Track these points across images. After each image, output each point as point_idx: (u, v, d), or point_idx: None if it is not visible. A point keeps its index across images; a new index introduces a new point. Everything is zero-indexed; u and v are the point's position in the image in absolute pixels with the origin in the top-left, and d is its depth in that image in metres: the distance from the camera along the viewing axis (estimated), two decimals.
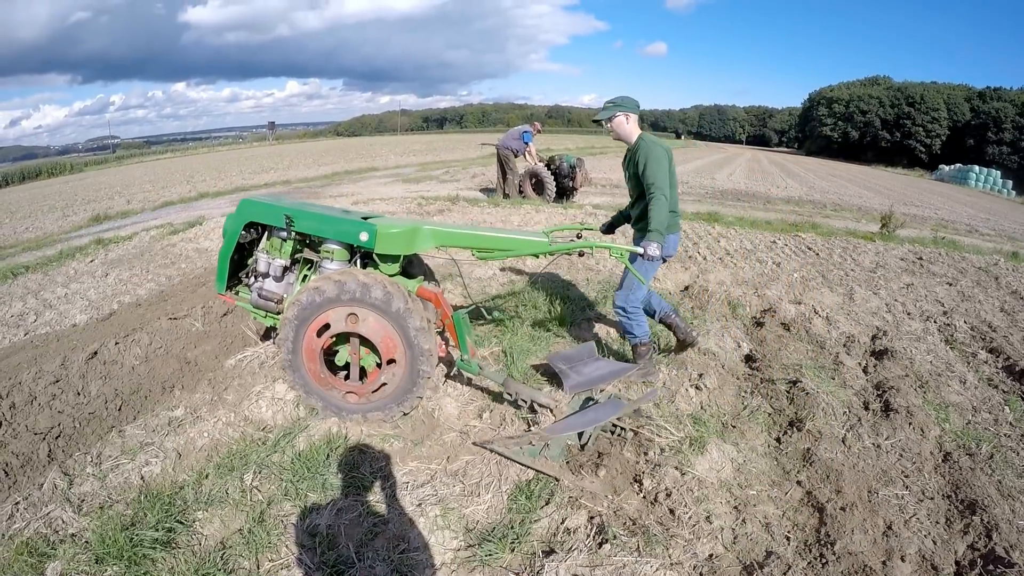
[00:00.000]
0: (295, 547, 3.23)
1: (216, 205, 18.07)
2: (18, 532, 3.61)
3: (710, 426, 4.27)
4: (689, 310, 6.70)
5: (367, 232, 4.19)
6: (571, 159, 15.13)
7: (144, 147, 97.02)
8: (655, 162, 4.56)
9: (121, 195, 24.92)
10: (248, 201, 4.73)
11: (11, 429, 4.83)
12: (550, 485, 3.62)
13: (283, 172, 29.69)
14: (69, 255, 11.42)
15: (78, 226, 17.11)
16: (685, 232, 11.25)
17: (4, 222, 20.99)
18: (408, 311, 4.01)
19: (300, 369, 4.31)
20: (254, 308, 4.82)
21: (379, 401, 4.31)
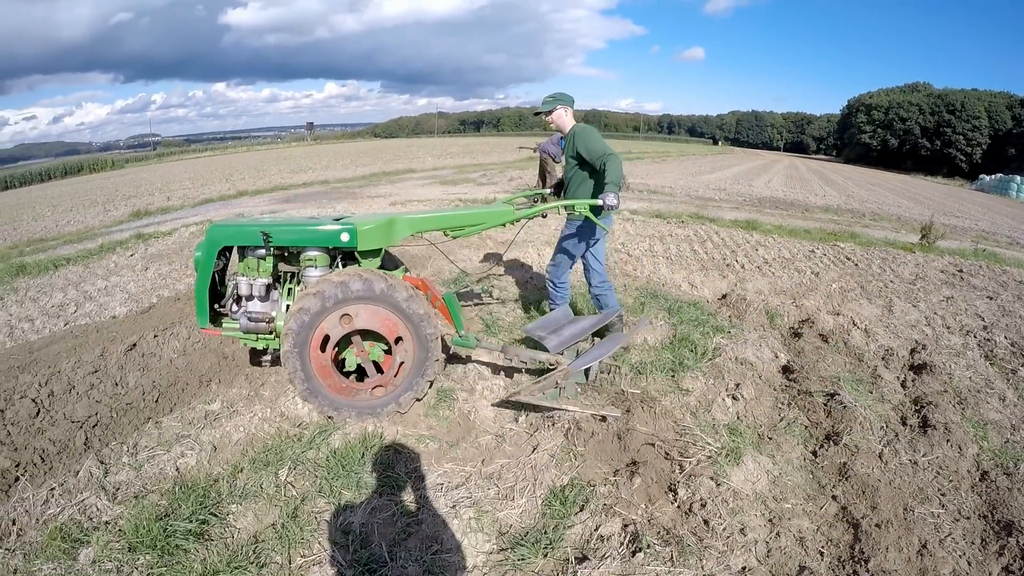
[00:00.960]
0: (328, 544, 3.23)
1: (255, 203, 18.28)
2: (52, 517, 3.66)
3: (746, 437, 4.20)
4: (727, 319, 6.62)
5: (347, 232, 4.29)
6: None
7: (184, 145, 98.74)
8: (594, 139, 5.23)
9: (161, 192, 25.33)
10: (217, 226, 4.58)
11: (49, 416, 4.89)
12: (585, 492, 3.59)
13: (321, 172, 29.94)
14: (110, 249, 11.62)
15: (119, 221, 17.40)
16: (723, 239, 11.18)
17: (46, 215, 21.45)
18: (392, 287, 4.09)
19: (321, 391, 4.32)
20: (244, 334, 4.65)
21: (404, 381, 4.35)
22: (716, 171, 36.77)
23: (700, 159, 50.91)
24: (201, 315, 4.61)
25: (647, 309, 6.61)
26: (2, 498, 3.97)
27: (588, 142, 5.21)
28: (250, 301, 4.61)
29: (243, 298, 4.60)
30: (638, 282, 8.07)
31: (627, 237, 11.06)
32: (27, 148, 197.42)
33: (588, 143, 5.20)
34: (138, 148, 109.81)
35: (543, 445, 4.07)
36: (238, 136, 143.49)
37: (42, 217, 21.37)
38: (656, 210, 14.63)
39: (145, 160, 68.42)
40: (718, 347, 5.60)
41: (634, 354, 5.43)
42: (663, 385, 4.92)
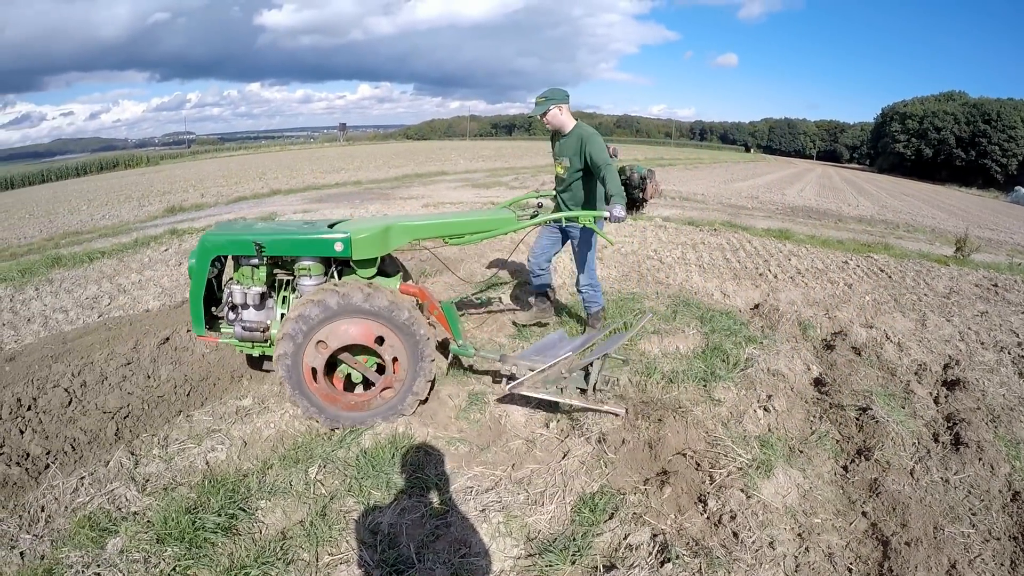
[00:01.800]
0: (356, 543, 3.23)
1: (288, 202, 18.42)
2: (81, 506, 3.70)
3: (777, 449, 4.14)
4: (759, 329, 6.55)
5: (341, 242, 4.21)
6: (642, 170, 14.66)
7: (218, 143, 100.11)
8: (600, 148, 5.15)
9: (195, 188, 25.66)
10: (211, 234, 4.49)
11: (81, 406, 4.94)
12: (614, 500, 3.55)
13: (353, 173, 30.13)
14: (144, 243, 11.78)
15: (153, 216, 17.66)
16: (755, 248, 11.09)
17: (82, 209, 21.81)
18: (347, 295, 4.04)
19: (340, 415, 4.33)
20: (240, 342, 4.59)
21: (407, 375, 4.31)
22: (748, 179, 36.51)
23: (732, 166, 50.51)
24: (197, 323, 4.56)
25: (679, 317, 6.56)
26: (32, 484, 4.03)
27: (597, 148, 5.15)
28: (245, 310, 4.51)
29: (238, 307, 4.51)
30: (670, 289, 8.02)
31: (659, 244, 10.99)
32: (64, 143, 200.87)
33: (597, 148, 5.15)
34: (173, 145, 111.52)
35: (574, 451, 4.04)
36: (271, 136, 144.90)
37: (77, 211, 21.72)
38: (688, 217, 14.52)
39: (180, 157, 69.47)
40: (750, 357, 5.54)
41: (666, 362, 5.39)
42: (695, 394, 4.87)
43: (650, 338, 5.98)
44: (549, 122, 5.41)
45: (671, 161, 44.51)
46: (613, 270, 8.71)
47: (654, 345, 5.86)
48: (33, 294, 8.78)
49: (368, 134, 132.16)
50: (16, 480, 4.08)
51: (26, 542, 3.45)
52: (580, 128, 5.33)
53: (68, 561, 3.22)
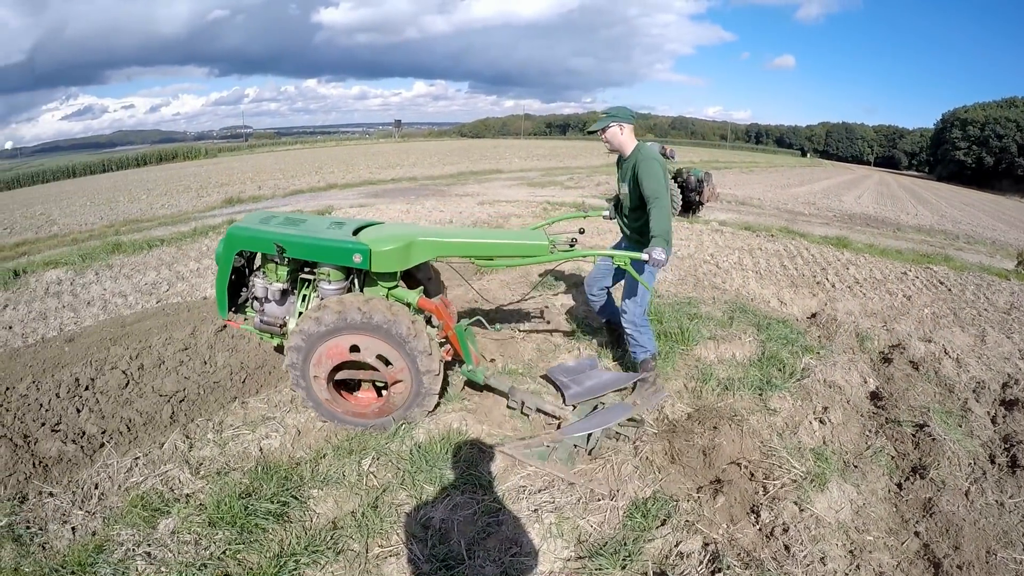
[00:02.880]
0: (406, 536, 3.23)
1: (344, 196, 18.65)
2: (135, 485, 3.78)
3: (832, 463, 4.04)
4: (816, 339, 6.42)
5: (360, 254, 4.13)
6: (699, 173, 14.58)
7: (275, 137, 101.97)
8: (653, 176, 4.51)
9: (252, 181, 26.09)
10: (237, 228, 4.48)
11: (138, 388, 5.04)
12: (667, 506, 3.50)
13: (409, 169, 30.33)
14: (203, 232, 12.02)
15: (211, 206, 18.00)
16: (813, 256, 10.88)
17: (141, 198, 22.30)
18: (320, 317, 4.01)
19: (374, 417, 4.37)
20: (259, 331, 4.69)
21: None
22: (805, 184, 35.86)
23: (788, 171, 49.62)
24: (221, 306, 4.72)
25: (736, 323, 6.46)
26: (87, 462, 4.12)
27: (649, 176, 4.53)
28: (266, 303, 4.61)
29: (259, 299, 4.63)
30: (727, 295, 7.90)
31: (716, 249, 10.85)
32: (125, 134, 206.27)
33: (648, 177, 4.53)
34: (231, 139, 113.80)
35: (627, 455, 3.99)
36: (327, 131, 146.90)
37: (137, 200, 22.22)
38: (745, 222, 14.31)
39: (237, 150, 70.66)
40: (807, 368, 5.43)
41: (721, 369, 5.32)
42: (750, 403, 4.79)
43: (706, 344, 5.91)
44: (608, 141, 4.85)
45: (727, 164, 43.88)
46: (669, 274, 8.62)
47: (710, 351, 5.78)
48: (93, 278, 8.99)
49: (423, 131, 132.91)
50: (71, 457, 4.18)
51: (78, 518, 3.53)
52: (638, 151, 4.77)
53: (119, 539, 3.29)
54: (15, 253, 12.49)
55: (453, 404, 4.62)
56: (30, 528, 3.47)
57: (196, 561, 3.09)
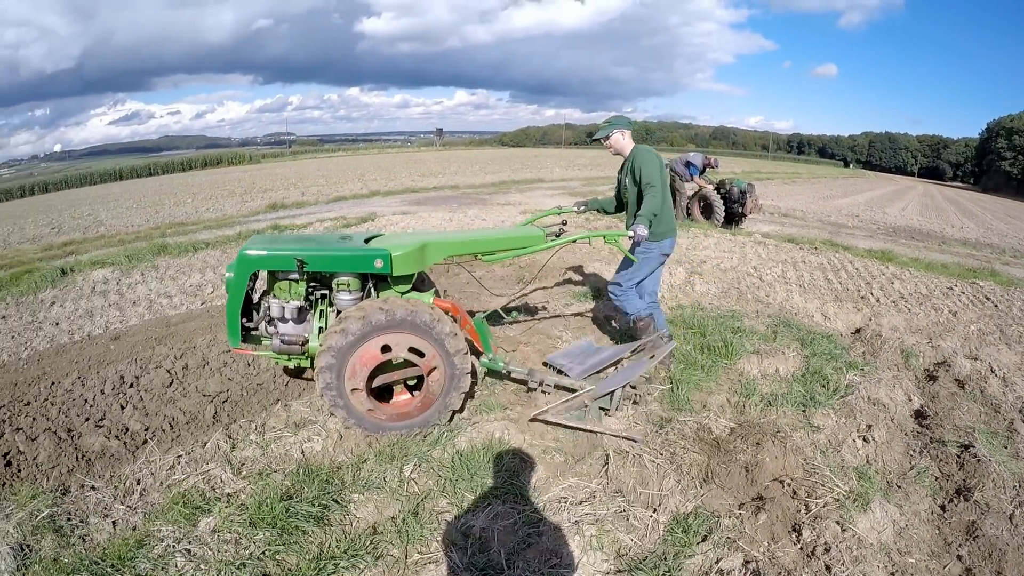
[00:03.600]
0: (446, 544, 3.22)
1: (387, 204, 18.77)
2: (176, 483, 3.83)
3: (875, 482, 3.95)
4: (860, 355, 6.31)
5: (381, 259, 4.27)
6: (742, 184, 14.49)
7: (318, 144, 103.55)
8: (651, 166, 5.20)
9: (296, 187, 26.40)
10: (251, 249, 4.39)
11: (181, 387, 5.12)
12: (708, 522, 3.46)
13: (450, 177, 30.44)
14: (247, 236, 12.15)
15: (255, 211, 18.26)
16: (857, 269, 10.70)
17: (187, 201, 22.70)
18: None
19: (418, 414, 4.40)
20: (277, 355, 4.54)
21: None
22: (848, 195, 35.24)
23: (831, 182, 48.75)
24: (233, 335, 4.51)
25: (779, 338, 6.37)
26: (129, 458, 4.19)
27: (647, 165, 5.22)
28: (284, 324, 4.49)
29: (275, 320, 4.48)
30: (770, 308, 7.80)
31: (759, 261, 10.72)
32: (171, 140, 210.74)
33: (646, 165, 5.22)
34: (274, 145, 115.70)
35: (669, 470, 3.95)
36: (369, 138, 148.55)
37: (183, 203, 22.63)
38: (788, 234, 14.12)
39: (281, 157, 71.95)
40: (851, 384, 5.33)
41: (765, 384, 5.26)
42: (793, 419, 4.72)
43: (750, 358, 5.83)
44: (611, 146, 5.55)
45: (768, 175, 43.34)
46: (713, 286, 8.53)
47: (753, 366, 5.71)
48: (139, 279, 9.16)
49: (464, 139, 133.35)
50: (114, 452, 4.26)
51: (119, 512, 3.60)
52: (635, 149, 5.48)
53: (159, 534, 3.33)
54: (63, 252, 12.76)
55: (495, 413, 4.63)
56: (71, 520, 3.53)
57: (235, 560, 3.12)
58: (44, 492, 3.76)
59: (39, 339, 6.92)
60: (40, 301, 8.45)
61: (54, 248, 13.56)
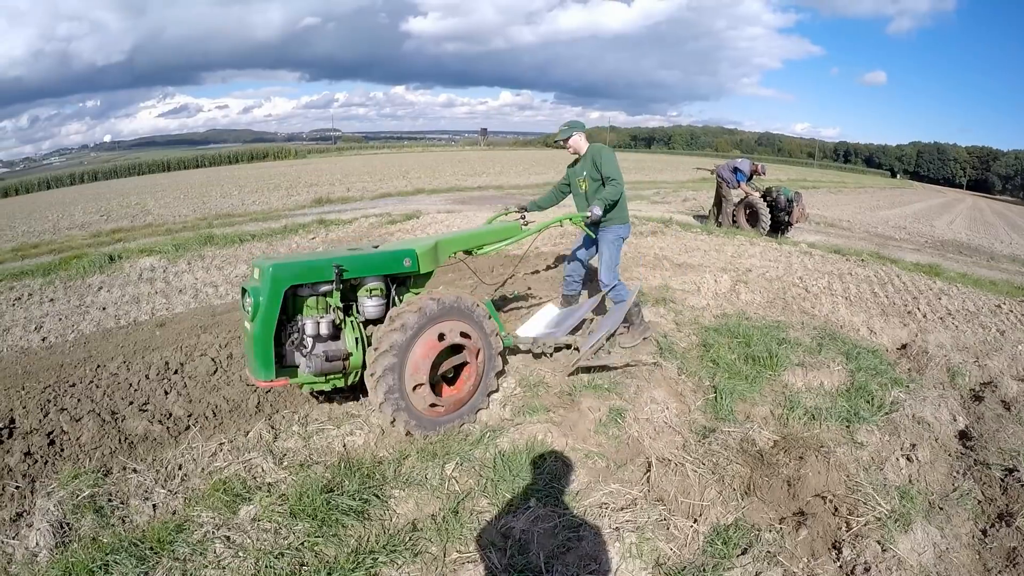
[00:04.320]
0: (485, 544, 3.22)
1: (432, 202, 18.89)
2: (218, 470, 3.89)
3: (917, 503, 3.86)
4: (906, 371, 6.19)
5: (409, 258, 4.47)
6: (789, 192, 14.25)
7: (363, 141, 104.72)
8: (610, 162, 5.85)
9: (341, 183, 26.63)
10: (281, 265, 4.05)
11: (225, 376, 5.19)
12: (749, 535, 3.41)
13: (495, 177, 30.47)
14: (293, 230, 12.37)
15: (301, 205, 18.48)
16: (904, 283, 10.48)
17: (233, 194, 23.06)
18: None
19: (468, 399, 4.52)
20: (315, 378, 4.23)
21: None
22: (895, 207, 34.49)
23: (878, 192, 47.63)
24: (267, 367, 4.05)
25: (825, 351, 6.26)
26: (172, 443, 4.27)
27: (608, 162, 5.82)
28: (325, 342, 4.19)
29: (311, 339, 4.12)
30: (816, 320, 7.66)
31: (805, 272, 10.53)
32: (218, 133, 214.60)
33: (607, 163, 5.81)
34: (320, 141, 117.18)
35: (711, 480, 3.91)
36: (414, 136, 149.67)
37: (229, 195, 23.00)
38: (834, 245, 13.84)
39: (326, 152, 72.79)
40: (896, 401, 5.23)
41: (809, 397, 5.17)
42: (837, 435, 4.64)
43: (794, 370, 5.74)
44: (571, 146, 6.12)
45: (814, 183, 42.53)
46: (758, 295, 8.42)
47: (798, 378, 5.62)
48: (185, 268, 9.32)
49: (508, 140, 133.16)
50: (157, 437, 4.35)
51: (160, 495, 3.66)
52: (592, 148, 6.07)
53: (199, 520, 3.38)
54: (111, 239, 13.03)
55: (538, 415, 4.61)
56: (111, 501, 3.60)
57: (274, 550, 3.14)
58: (86, 472, 3.83)
59: (86, 323, 7.07)
60: (88, 286, 8.64)
61: (102, 235, 13.84)
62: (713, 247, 12.06)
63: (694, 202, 21.24)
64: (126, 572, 3.00)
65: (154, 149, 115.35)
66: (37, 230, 16.66)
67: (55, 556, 3.16)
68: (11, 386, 5.19)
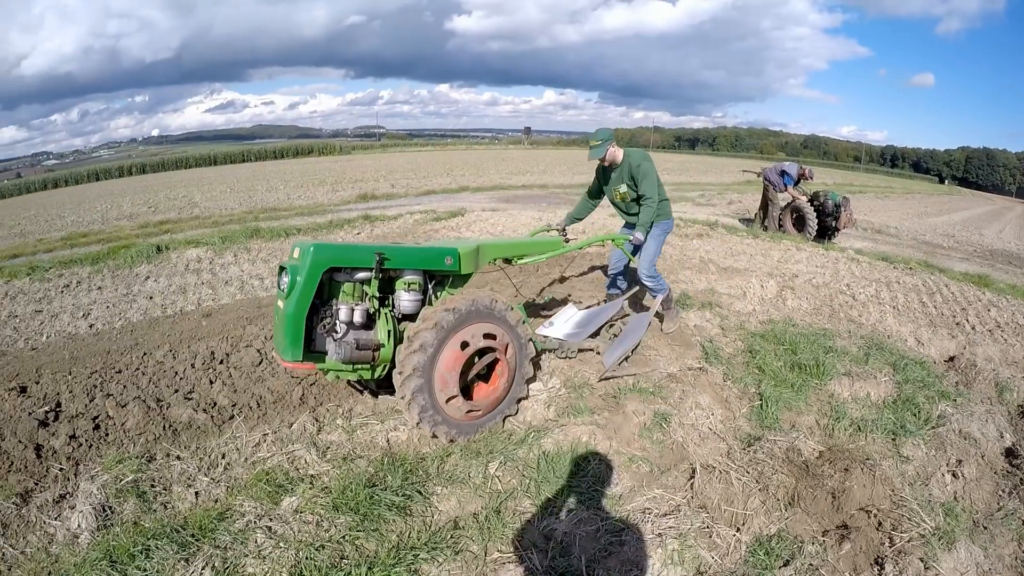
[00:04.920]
0: (527, 545, 3.22)
1: (476, 200, 18.92)
2: (261, 460, 3.94)
3: (962, 521, 3.77)
4: (953, 385, 6.06)
5: (451, 256, 4.38)
6: (836, 197, 14.09)
7: (407, 139, 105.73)
8: (648, 176, 5.80)
9: (385, 179, 26.81)
10: (322, 246, 3.98)
11: (270, 368, 5.25)
12: (791, 547, 3.37)
13: (539, 176, 30.33)
14: (338, 225, 12.48)
15: (346, 201, 18.64)
16: (952, 294, 10.21)
17: (279, 188, 23.35)
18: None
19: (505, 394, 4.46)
20: (342, 365, 4.13)
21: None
22: (943, 214, 33.52)
23: (925, 198, 46.23)
24: (296, 347, 3.94)
25: (872, 361, 6.14)
26: (215, 432, 4.32)
27: (646, 179, 5.78)
28: (357, 329, 4.12)
29: (344, 326, 4.06)
30: (863, 329, 7.51)
31: (852, 279, 10.32)
32: (264, 128, 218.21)
33: (646, 179, 5.78)
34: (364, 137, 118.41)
35: (755, 489, 3.86)
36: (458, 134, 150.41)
37: (275, 189, 23.32)
38: (882, 252, 13.50)
39: (370, 149, 73.53)
40: (943, 415, 5.11)
41: (855, 408, 5.09)
42: (882, 447, 4.55)
43: (841, 380, 5.64)
44: (606, 160, 5.99)
45: (861, 188, 41.62)
46: (805, 302, 8.28)
47: (844, 388, 5.52)
48: (232, 259, 9.45)
49: (552, 139, 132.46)
50: (201, 425, 4.41)
51: (203, 483, 3.72)
52: (628, 157, 5.97)
53: (241, 509, 3.43)
54: (159, 230, 13.28)
55: (583, 417, 4.59)
56: (154, 487, 3.67)
57: (315, 542, 3.17)
58: (130, 457, 3.91)
59: (133, 311, 7.20)
60: (135, 275, 8.81)
61: (150, 226, 14.10)
62: (759, 251, 11.93)
63: (739, 205, 20.94)
64: (167, 557, 3.05)
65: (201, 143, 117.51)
66: (86, 220, 17.04)
67: (96, 538, 3.23)
68: (58, 370, 5.30)
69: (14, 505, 3.48)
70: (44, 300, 7.83)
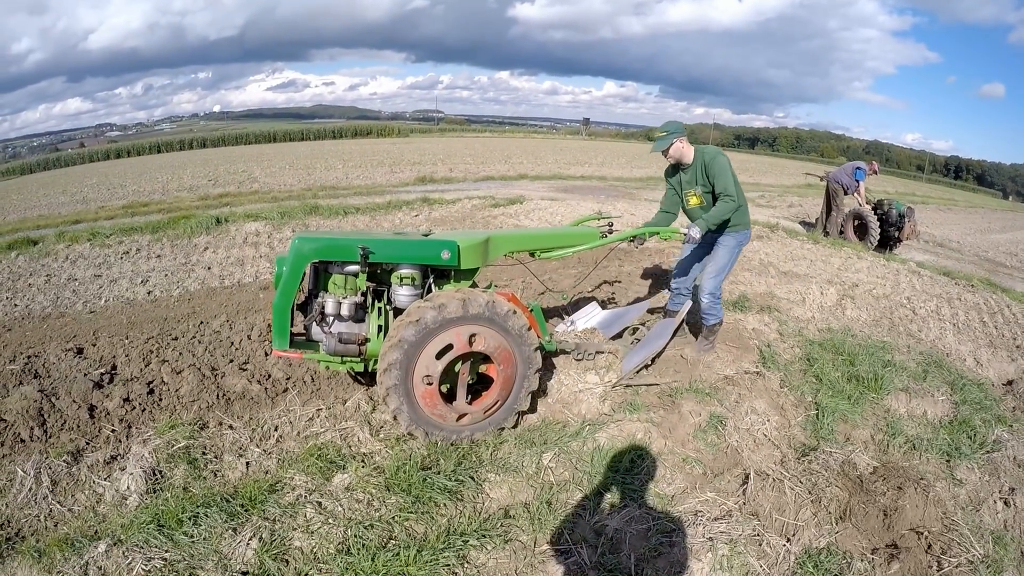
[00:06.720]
0: (577, 539, 3.23)
1: (535, 188, 18.84)
2: (314, 435, 4.01)
3: (1011, 550, 3.70)
4: (1010, 409, 5.91)
5: (449, 250, 4.06)
6: (901, 206, 13.72)
7: (465, 124, 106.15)
8: (724, 172, 5.16)
9: (444, 163, 26.80)
10: (306, 239, 4.04)
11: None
12: (839, 562, 3.34)
13: (597, 168, 30.05)
14: (396, 207, 12.55)
15: (404, 183, 18.76)
16: (1014, 315, 9.91)
17: (337, 167, 23.62)
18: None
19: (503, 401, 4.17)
20: (330, 356, 4.13)
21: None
22: (1007, 231, 32.30)
23: (989, 213, 44.45)
24: (281, 336, 4.04)
25: (930, 378, 6.01)
26: (269, 404, 4.41)
27: (720, 175, 5.17)
28: (342, 322, 4.11)
29: (331, 318, 4.08)
30: (922, 345, 7.34)
31: (913, 292, 10.05)
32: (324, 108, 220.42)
33: (720, 176, 5.17)
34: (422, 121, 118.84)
35: (807, 500, 3.82)
36: (516, 122, 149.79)
37: (334, 169, 23.58)
38: (944, 266, 13.11)
39: (428, 132, 73.72)
40: (998, 440, 4.99)
41: (911, 426, 5.00)
42: (936, 468, 4.47)
43: (898, 395, 5.53)
44: (672, 156, 5.37)
45: (923, 198, 40.39)
46: (864, 313, 8.11)
47: (901, 404, 5.41)
48: (290, 235, 9.61)
49: (610, 131, 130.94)
50: (254, 396, 4.51)
51: (254, 454, 3.80)
52: (701, 154, 5.35)
53: (292, 483, 3.50)
54: (218, 203, 13.53)
55: (638, 414, 4.58)
56: (205, 454, 3.76)
57: (365, 520, 3.23)
58: (182, 424, 4.01)
59: (191, 280, 7.37)
60: (194, 245, 9.00)
61: (210, 199, 14.37)
62: (819, 257, 11.70)
63: (799, 208, 20.51)
64: (215, 525, 3.12)
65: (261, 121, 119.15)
66: (147, 190, 17.44)
67: (145, 501, 3.33)
68: (115, 334, 5.46)
69: (65, 463, 3.58)
70: (104, 265, 8.06)
